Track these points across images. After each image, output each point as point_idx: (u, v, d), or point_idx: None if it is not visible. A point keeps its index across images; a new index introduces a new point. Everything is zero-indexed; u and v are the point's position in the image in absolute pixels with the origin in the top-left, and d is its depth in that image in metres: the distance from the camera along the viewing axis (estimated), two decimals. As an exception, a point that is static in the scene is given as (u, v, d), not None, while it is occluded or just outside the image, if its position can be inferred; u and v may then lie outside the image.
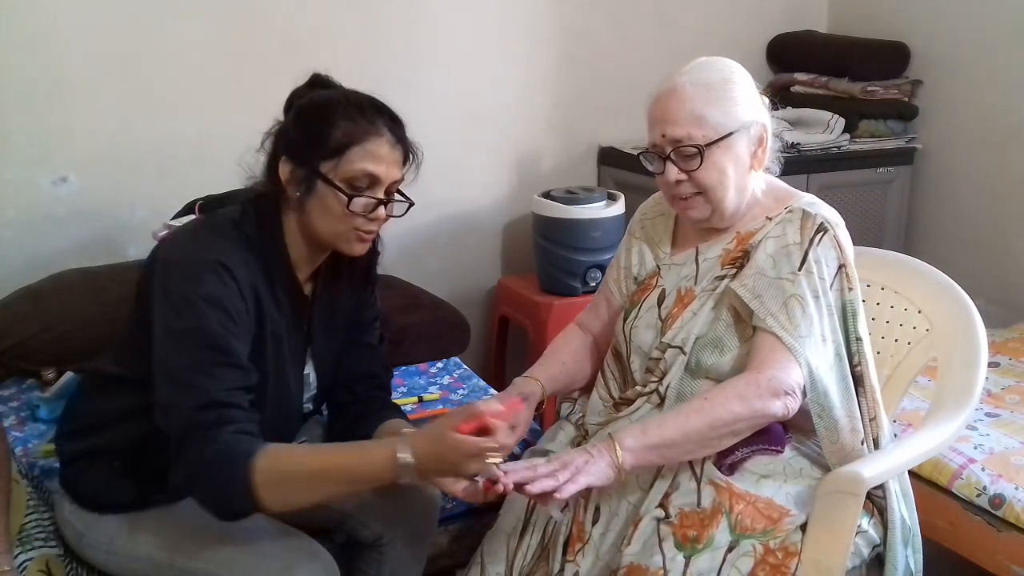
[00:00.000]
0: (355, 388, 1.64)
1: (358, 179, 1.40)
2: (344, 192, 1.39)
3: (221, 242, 1.39)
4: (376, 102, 1.44)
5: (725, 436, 1.46)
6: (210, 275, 1.35)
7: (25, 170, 2.43)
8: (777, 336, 1.48)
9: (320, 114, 1.41)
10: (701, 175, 1.53)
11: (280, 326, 1.47)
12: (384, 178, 1.42)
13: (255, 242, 1.43)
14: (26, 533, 1.54)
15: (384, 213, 1.44)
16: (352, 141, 1.39)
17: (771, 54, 3.45)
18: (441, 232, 2.99)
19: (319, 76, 1.50)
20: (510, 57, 3.01)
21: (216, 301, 1.34)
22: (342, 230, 1.43)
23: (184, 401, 1.31)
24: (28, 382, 2.26)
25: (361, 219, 1.42)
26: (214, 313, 1.33)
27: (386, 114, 1.43)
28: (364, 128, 1.40)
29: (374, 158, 1.40)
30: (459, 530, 1.93)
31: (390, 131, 1.42)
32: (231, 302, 1.36)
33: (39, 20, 2.38)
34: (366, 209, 1.41)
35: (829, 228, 1.55)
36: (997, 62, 2.99)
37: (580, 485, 1.38)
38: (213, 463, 1.28)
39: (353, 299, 1.62)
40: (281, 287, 1.46)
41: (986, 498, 1.91)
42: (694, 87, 1.52)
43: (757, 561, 1.42)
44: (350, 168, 1.39)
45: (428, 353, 2.55)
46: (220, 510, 1.32)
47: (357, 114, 1.40)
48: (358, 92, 1.45)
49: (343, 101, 1.42)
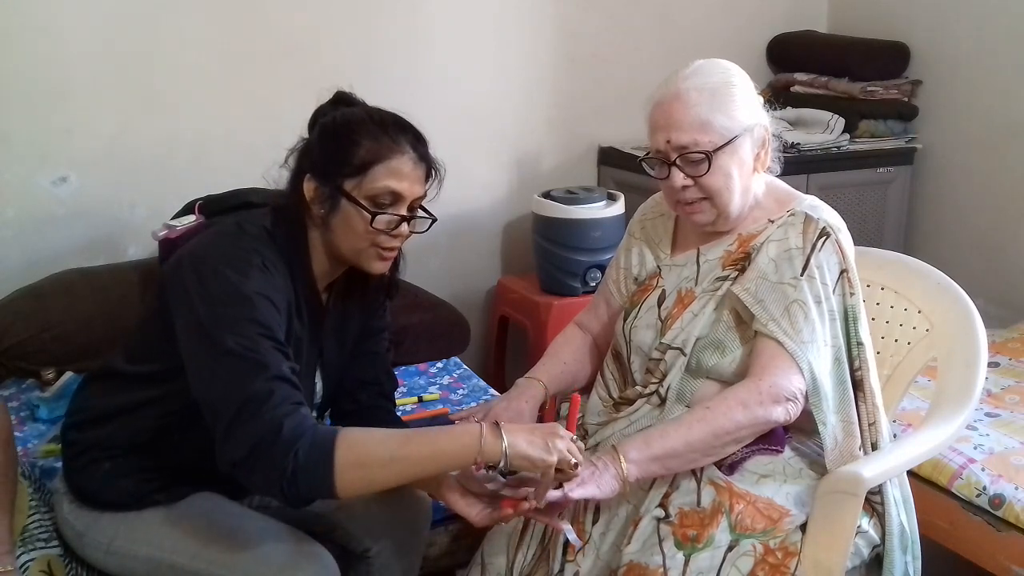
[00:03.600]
0: (358, 396, 1.65)
1: (381, 196, 1.41)
2: (367, 209, 1.40)
3: (260, 245, 1.41)
4: (400, 120, 1.45)
5: (728, 444, 1.46)
6: (256, 271, 1.36)
7: (25, 170, 2.44)
8: (779, 342, 1.48)
9: (344, 132, 1.42)
10: (708, 180, 1.52)
11: (301, 335, 1.48)
12: (407, 195, 1.43)
13: (284, 252, 1.44)
14: (28, 534, 1.55)
15: (407, 230, 1.45)
16: (375, 159, 1.40)
17: (771, 54, 3.45)
18: (441, 232, 2.95)
19: (343, 93, 1.50)
20: (510, 57, 3.01)
21: (264, 294, 1.34)
22: (364, 247, 1.44)
23: (245, 375, 1.26)
24: (28, 382, 2.27)
25: (384, 236, 1.43)
26: (263, 303, 1.33)
27: (410, 132, 1.44)
28: (387, 146, 1.41)
29: (397, 175, 1.41)
30: (459, 530, 1.93)
31: (413, 148, 1.43)
32: (277, 298, 1.37)
33: (39, 20, 2.38)
34: (389, 226, 1.42)
35: (831, 233, 1.55)
36: (997, 62, 2.99)
37: (584, 495, 1.38)
38: (291, 439, 1.22)
39: (366, 309, 1.63)
40: (303, 298, 1.47)
41: (986, 498, 1.91)
42: (699, 92, 1.51)
43: (757, 561, 1.42)
44: (373, 186, 1.40)
45: (428, 353, 2.55)
46: (290, 489, 1.23)
47: (380, 132, 1.41)
48: (381, 110, 1.46)
49: (366, 119, 1.43)
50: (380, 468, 1.26)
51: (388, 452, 1.26)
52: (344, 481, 1.24)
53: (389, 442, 1.28)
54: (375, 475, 1.27)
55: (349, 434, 1.27)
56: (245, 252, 1.38)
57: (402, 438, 1.29)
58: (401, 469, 1.27)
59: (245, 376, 1.26)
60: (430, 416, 2.15)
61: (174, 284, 1.38)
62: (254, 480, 1.27)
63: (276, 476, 1.22)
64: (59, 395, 2.09)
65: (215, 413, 1.27)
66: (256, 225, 1.45)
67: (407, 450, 1.27)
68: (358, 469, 1.25)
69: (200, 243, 1.43)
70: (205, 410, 1.29)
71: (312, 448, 1.23)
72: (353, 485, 1.26)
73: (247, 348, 1.28)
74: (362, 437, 1.28)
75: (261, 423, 1.23)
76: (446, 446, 1.28)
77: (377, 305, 1.65)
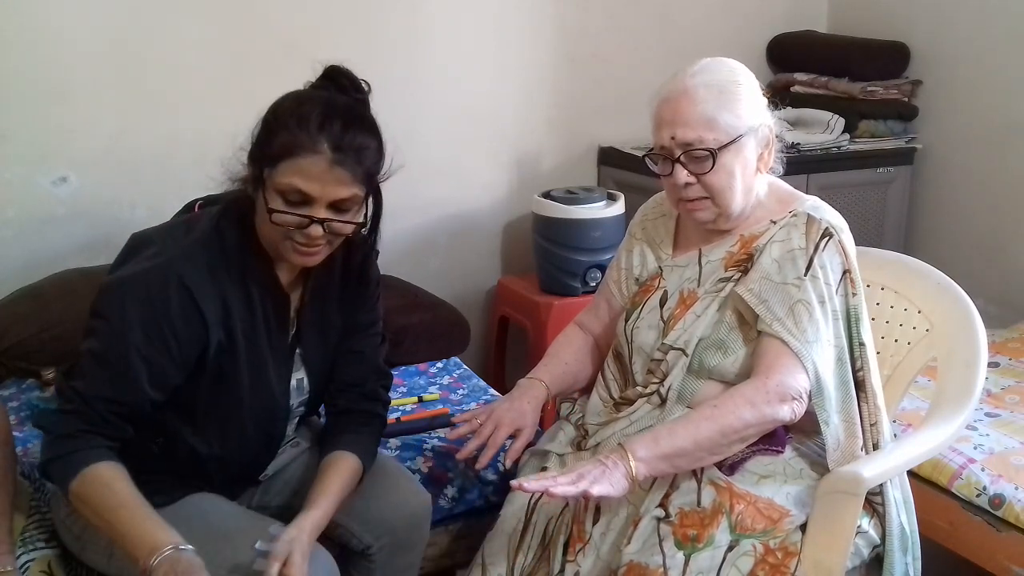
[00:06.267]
0: (337, 399, 1.62)
1: (288, 193, 1.34)
2: (267, 205, 1.35)
3: (191, 249, 1.40)
4: (330, 115, 1.34)
5: (735, 442, 1.46)
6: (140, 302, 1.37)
7: (25, 170, 2.43)
8: (784, 341, 1.48)
9: (270, 118, 1.38)
10: (711, 178, 1.52)
11: (252, 325, 1.45)
12: (318, 197, 1.34)
13: (230, 245, 1.42)
14: (28, 534, 1.55)
15: (319, 232, 1.36)
16: (286, 153, 1.33)
17: (771, 54, 3.45)
18: (441, 232, 2.99)
19: (332, 69, 1.43)
20: (510, 57, 3.01)
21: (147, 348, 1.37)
22: (278, 239, 1.39)
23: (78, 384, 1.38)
24: (28, 382, 2.26)
25: (296, 232, 1.36)
26: (134, 335, 1.36)
27: (335, 130, 1.34)
28: (301, 142, 1.33)
29: (304, 175, 1.33)
30: (459, 530, 1.93)
31: (333, 149, 1.33)
32: (180, 330, 1.38)
33: (39, 20, 2.37)
34: (292, 224, 1.35)
35: (834, 233, 1.55)
36: (997, 62, 2.98)
37: (602, 492, 1.38)
38: (58, 447, 1.37)
39: (347, 300, 1.59)
40: (256, 286, 1.45)
41: (986, 498, 1.91)
42: (706, 89, 1.51)
43: (757, 561, 1.42)
44: (280, 180, 1.34)
45: (428, 353, 2.55)
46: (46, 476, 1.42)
47: (297, 126, 1.33)
48: (324, 99, 1.38)
49: (291, 108, 1.36)
50: (92, 518, 1.37)
51: (96, 511, 1.36)
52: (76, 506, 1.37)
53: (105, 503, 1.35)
54: (91, 519, 1.38)
55: (88, 477, 1.35)
56: (161, 270, 1.38)
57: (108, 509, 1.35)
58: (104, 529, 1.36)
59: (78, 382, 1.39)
60: (430, 416, 2.14)
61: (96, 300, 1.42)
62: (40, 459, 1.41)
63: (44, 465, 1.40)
64: (59, 395, 2.09)
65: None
66: (208, 219, 1.45)
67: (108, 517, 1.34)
68: (82, 506, 1.37)
69: (128, 271, 1.41)
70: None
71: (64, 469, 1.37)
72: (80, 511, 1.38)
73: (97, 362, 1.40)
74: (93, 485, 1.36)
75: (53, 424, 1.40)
76: (128, 544, 1.32)
77: (358, 298, 1.60)
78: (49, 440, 1.39)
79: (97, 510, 1.35)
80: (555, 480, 1.38)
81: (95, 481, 1.35)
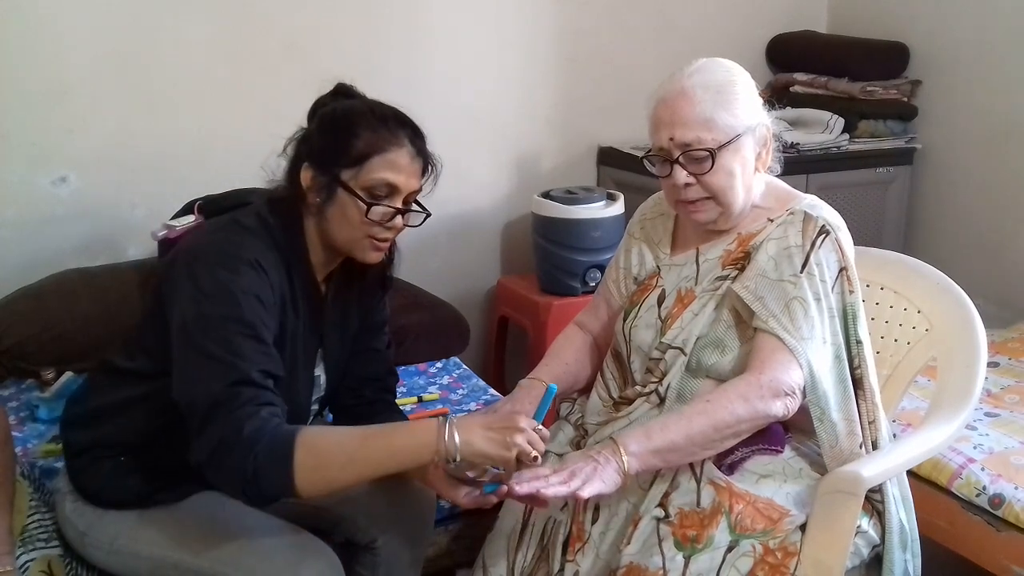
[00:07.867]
0: (361, 391, 1.66)
1: (377, 188, 1.43)
2: (363, 200, 1.42)
3: (253, 241, 1.42)
4: (399, 114, 1.47)
5: (728, 437, 1.46)
6: (247, 269, 1.37)
7: (25, 170, 2.44)
8: (779, 337, 1.48)
9: (343, 123, 1.44)
10: (711, 179, 1.52)
11: (297, 327, 1.49)
12: (403, 188, 1.44)
13: (280, 244, 1.45)
14: (28, 534, 1.55)
15: (401, 222, 1.47)
16: (373, 151, 1.42)
17: (771, 54, 3.45)
18: (441, 232, 2.99)
19: (343, 85, 1.52)
20: (510, 57, 3.01)
21: (253, 292, 1.36)
22: (358, 237, 1.46)
23: (216, 377, 1.29)
24: (28, 382, 2.27)
25: (378, 227, 1.45)
26: (250, 302, 1.35)
27: (408, 126, 1.46)
28: (385, 138, 1.42)
29: (394, 168, 1.43)
30: (459, 530, 1.93)
31: (411, 143, 1.44)
32: (266, 296, 1.38)
33: (39, 20, 2.38)
34: (383, 217, 1.44)
35: (831, 231, 1.55)
36: (997, 62, 2.99)
37: (593, 492, 1.37)
38: (251, 440, 1.25)
39: (365, 303, 1.64)
40: (300, 289, 1.48)
41: (986, 498, 1.91)
42: (704, 89, 1.51)
43: (756, 561, 1.42)
44: (370, 177, 1.42)
45: (428, 353, 2.55)
46: (250, 489, 1.27)
47: (379, 125, 1.43)
48: (382, 103, 1.48)
49: (367, 112, 1.45)
50: (339, 470, 1.29)
51: (346, 454, 1.29)
52: (304, 482, 1.27)
53: (347, 443, 1.31)
54: (334, 476, 1.30)
55: (308, 436, 1.28)
56: (236, 248, 1.39)
57: (360, 439, 1.32)
58: (359, 470, 1.31)
59: (216, 378, 1.29)
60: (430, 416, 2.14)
61: (168, 281, 1.41)
62: (218, 480, 1.31)
63: (238, 478, 1.27)
64: (59, 395, 2.09)
65: (189, 414, 1.31)
66: (252, 217, 1.46)
67: (365, 451, 1.30)
68: (317, 471, 1.28)
69: (194, 240, 1.45)
70: (183, 411, 1.32)
71: (271, 450, 1.26)
72: (314, 486, 1.29)
73: (224, 350, 1.31)
74: (321, 439, 1.30)
75: (223, 425, 1.27)
76: (403, 444, 1.31)
77: (375, 299, 1.66)
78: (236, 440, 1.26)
79: (345, 462, 1.28)
80: (547, 480, 1.37)
81: (317, 441, 1.28)
